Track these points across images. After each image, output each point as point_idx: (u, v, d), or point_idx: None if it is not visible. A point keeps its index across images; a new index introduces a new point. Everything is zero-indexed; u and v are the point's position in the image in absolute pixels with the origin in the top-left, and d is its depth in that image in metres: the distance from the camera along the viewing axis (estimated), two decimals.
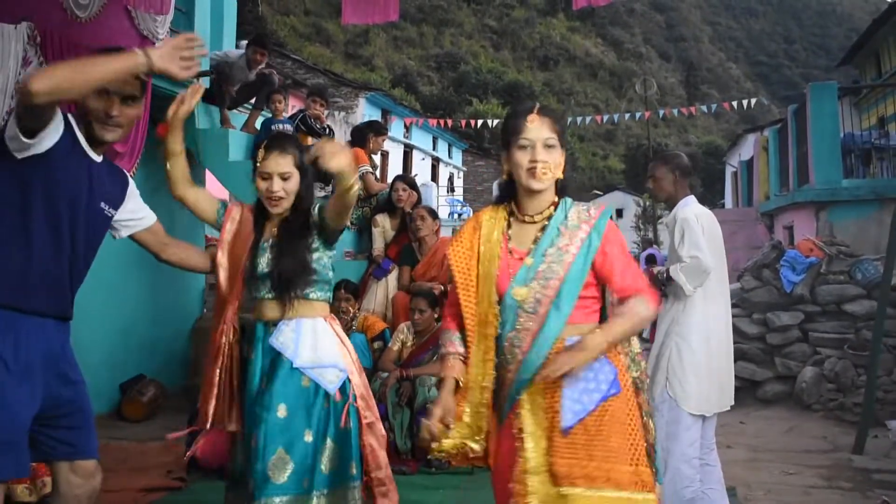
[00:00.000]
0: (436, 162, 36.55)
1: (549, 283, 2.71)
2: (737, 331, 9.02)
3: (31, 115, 2.63)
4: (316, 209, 3.38)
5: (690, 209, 4.43)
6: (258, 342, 3.31)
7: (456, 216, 27.50)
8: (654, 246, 24.58)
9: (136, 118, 3.01)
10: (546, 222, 2.81)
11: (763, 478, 5.88)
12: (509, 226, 2.87)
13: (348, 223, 3.37)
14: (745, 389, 8.77)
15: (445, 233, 7.52)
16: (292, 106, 24.37)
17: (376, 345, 6.52)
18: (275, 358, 3.25)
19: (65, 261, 2.89)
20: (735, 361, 8.93)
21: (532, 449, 2.69)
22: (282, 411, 3.15)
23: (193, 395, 7.01)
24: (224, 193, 8.07)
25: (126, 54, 2.66)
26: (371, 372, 6.27)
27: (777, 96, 70.40)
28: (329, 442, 3.23)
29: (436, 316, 6.42)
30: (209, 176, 8.88)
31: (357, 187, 3.19)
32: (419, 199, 7.66)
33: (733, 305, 9.38)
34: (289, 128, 8.30)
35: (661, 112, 24.37)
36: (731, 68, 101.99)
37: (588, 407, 2.66)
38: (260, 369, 3.27)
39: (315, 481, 3.14)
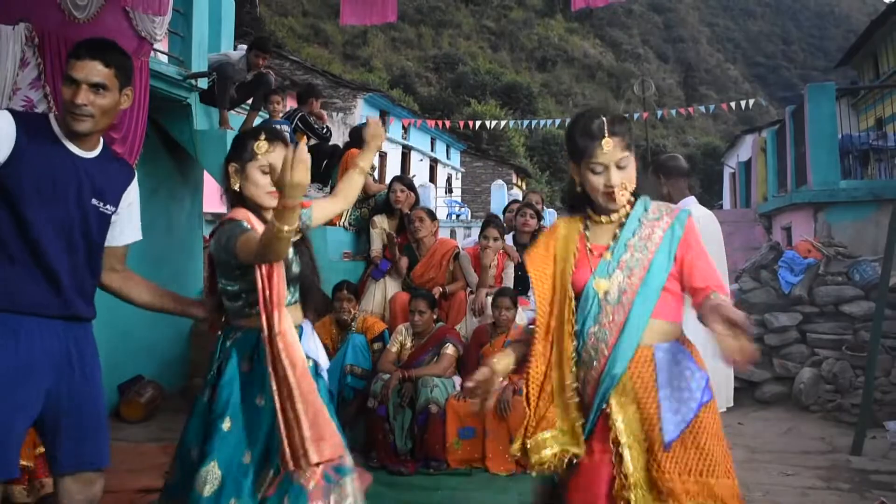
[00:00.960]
0: (434, 163, 36.56)
1: (634, 271, 2.68)
2: None
3: None
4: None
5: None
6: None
7: (454, 217, 27.50)
8: None
9: (108, 108, 2.90)
10: (624, 219, 2.78)
11: (761, 479, 5.88)
12: (586, 227, 2.85)
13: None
14: (744, 390, 8.77)
15: (443, 234, 7.51)
16: (289, 106, 24.37)
17: (375, 346, 6.52)
18: None
19: (63, 261, 2.86)
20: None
21: (631, 462, 2.59)
22: None
23: (192, 396, 7.02)
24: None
25: None
26: (371, 373, 6.27)
27: (775, 97, 70.33)
28: None
29: (435, 317, 6.43)
30: (207, 177, 8.88)
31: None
32: (417, 200, 7.65)
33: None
34: (286, 128, 8.30)
35: (660, 113, 24.34)
36: (729, 69, 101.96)
37: (688, 417, 2.59)
38: None
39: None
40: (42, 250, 2.80)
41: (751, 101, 20.97)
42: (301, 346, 2.89)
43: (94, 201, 2.95)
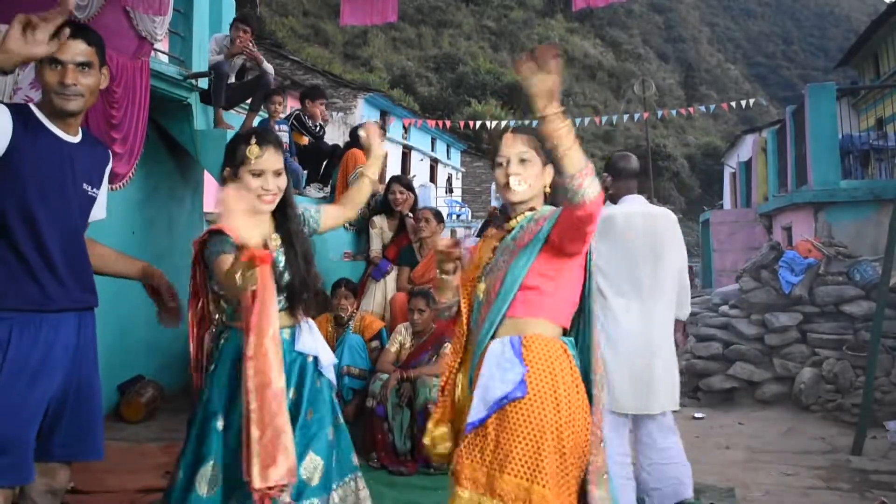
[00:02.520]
0: (434, 163, 36.53)
1: (498, 274, 2.81)
2: (735, 331, 9.10)
3: None
4: (302, 211, 3.33)
5: (609, 209, 4.55)
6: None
7: (454, 217, 27.50)
8: None
9: (94, 86, 2.94)
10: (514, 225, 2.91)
11: (761, 479, 5.88)
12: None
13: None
14: (744, 390, 8.79)
15: (444, 234, 7.50)
16: (290, 107, 24.36)
17: (373, 344, 6.51)
18: (302, 363, 3.18)
19: (66, 252, 2.91)
20: (733, 362, 9.00)
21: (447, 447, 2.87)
22: (309, 414, 3.10)
23: (192, 395, 7.01)
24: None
25: None
26: (369, 373, 6.27)
27: (775, 97, 70.36)
28: (336, 434, 3.21)
29: (434, 316, 6.42)
30: (208, 177, 8.88)
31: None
32: (416, 201, 7.64)
33: (732, 306, 9.47)
34: (285, 129, 8.29)
35: (660, 113, 24.37)
36: (729, 69, 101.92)
37: (490, 408, 2.64)
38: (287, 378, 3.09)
39: (331, 477, 3.09)
40: (47, 243, 2.84)
41: (751, 101, 21.00)
42: (280, 358, 2.86)
43: (84, 185, 3.00)
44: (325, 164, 8.87)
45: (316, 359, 3.20)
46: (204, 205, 9.24)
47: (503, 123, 29.55)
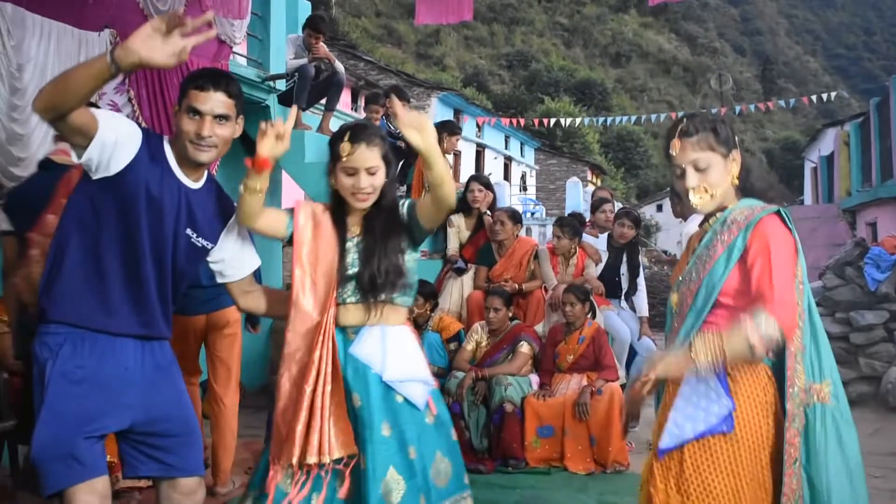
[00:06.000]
0: (508, 161, 36.51)
1: (691, 286, 2.68)
2: None
3: (67, 131, 2.62)
4: (405, 207, 3.12)
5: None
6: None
7: (529, 215, 27.43)
8: None
9: (229, 138, 2.93)
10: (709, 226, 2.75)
11: None
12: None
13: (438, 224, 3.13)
14: None
15: (521, 233, 7.48)
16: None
17: (451, 345, 6.53)
18: (360, 369, 3.01)
19: (150, 285, 2.87)
20: None
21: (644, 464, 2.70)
22: (385, 429, 2.95)
23: (272, 393, 7.11)
24: (300, 194, 8.16)
25: (95, 58, 2.51)
26: (446, 371, 6.29)
27: (857, 90, 68.60)
28: (439, 455, 3.01)
29: (510, 315, 6.41)
30: (285, 177, 9.01)
31: (450, 182, 2.84)
32: (495, 200, 7.64)
33: (816, 304, 9.25)
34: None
35: (738, 108, 23.98)
36: (808, 62, 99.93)
37: (686, 435, 2.55)
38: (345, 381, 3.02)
39: (431, 498, 2.94)
40: (138, 268, 2.83)
41: (832, 94, 20.56)
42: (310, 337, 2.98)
43: (187, 231, 2.93)
44: (401, 163, 8.92)
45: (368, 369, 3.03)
46: (282, 204, 9.36)
47: (577, 121, 29.43)
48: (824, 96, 20.07)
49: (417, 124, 2.73)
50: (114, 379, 2.79)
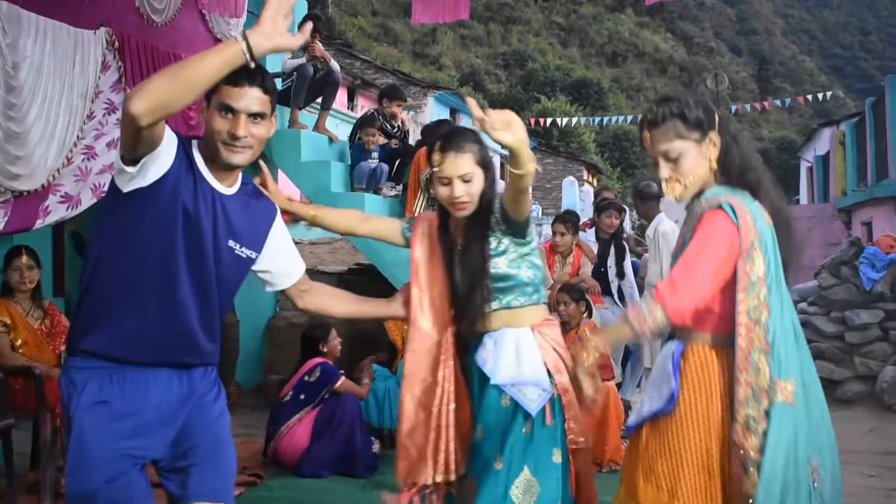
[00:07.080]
0: (504, 160, 36.53)
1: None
2: (814, 329, 8.91)
3: (140, 141, 2.33)
4: (498, 203, 2.98)
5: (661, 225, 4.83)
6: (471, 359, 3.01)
7: None
8: None
9: (265, 137, 2.61)
10: None
11: (843, 479, 5.76)
12: None
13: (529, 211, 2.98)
14: (824, 389, 8.57)
15: None
16: (361, 106, 24.51)
17: None
18: (478, 373, 2.97)
19: (190, 308, 2.58)
20: (813, 360, 8.82)
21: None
22: (479, 432, 2.91)
23: (269, 392, 7.12)
24: (296, 193, 8.16)
25: (223, 45, 2.26)
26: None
27: (853, 89, 68.73)
28: (526, 472, 2.80)
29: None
30: (282, 176, 9.00)
31: (533, 167, 2.66)
32: None
33: (811, 303, 9.28)
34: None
35: (734, 107, 24.02)
36: (804, 61, 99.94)
37: (643, 414, 2.64)
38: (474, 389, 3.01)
39: None
40: (174, 291, 2.53)
41: (828, 94, 20.62)
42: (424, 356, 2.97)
43: (230, 243, 2.63)
44: (398, 162, 8.92)
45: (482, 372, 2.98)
46: None
47: (573, 120, 29.43)
48: (820, 96, 20.14)
49: (505, 122, 2.52)
50: (147, 415, 2.56)
